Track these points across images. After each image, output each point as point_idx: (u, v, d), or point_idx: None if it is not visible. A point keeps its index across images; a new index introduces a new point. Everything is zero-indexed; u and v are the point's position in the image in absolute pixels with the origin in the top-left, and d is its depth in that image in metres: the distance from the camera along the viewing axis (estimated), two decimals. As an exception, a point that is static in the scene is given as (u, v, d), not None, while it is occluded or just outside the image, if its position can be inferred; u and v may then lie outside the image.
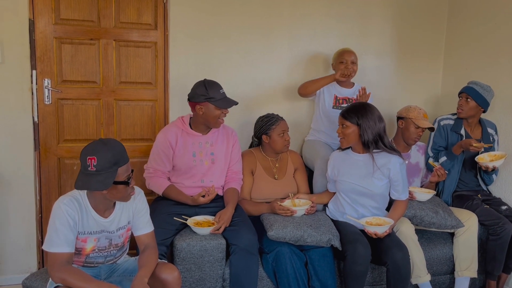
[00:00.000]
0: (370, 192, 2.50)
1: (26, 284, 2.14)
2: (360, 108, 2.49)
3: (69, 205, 1.85)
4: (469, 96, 2.86)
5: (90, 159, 1.79)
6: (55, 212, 1.85)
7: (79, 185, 1.83)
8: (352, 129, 2.47)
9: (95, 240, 1.95)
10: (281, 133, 2.73)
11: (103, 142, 1.85)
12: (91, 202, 1.92)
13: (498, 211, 2.78)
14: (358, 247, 2.34)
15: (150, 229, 2.08)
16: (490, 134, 2.98)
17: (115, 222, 1.98)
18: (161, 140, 2.58)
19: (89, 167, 1.79)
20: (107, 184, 1.81)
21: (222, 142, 2.66)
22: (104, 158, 1.80)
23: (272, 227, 2.38)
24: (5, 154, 2.79)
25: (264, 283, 2.46)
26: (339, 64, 3.01)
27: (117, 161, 1.83)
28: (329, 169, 2.64)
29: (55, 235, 1.83)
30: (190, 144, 2.59)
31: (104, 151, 1.81)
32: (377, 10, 3.37)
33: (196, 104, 2.52)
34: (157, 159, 2.58)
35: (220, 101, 2.51)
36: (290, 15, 3.20)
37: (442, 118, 3.02)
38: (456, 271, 2.68)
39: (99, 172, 1.79)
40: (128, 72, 3.01)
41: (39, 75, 2.84)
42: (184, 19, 3.00)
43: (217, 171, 2.64)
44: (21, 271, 2.85)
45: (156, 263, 1.98)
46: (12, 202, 2.83)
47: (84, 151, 1.83)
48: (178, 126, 2.62)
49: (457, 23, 3.44)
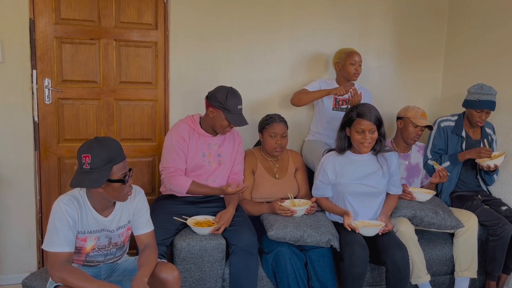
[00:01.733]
0: (377, 190, 2.53)
1: (26, 283, 2.14)
2: (377, 112, 2.49)
3: (68, 204, 1.86)
4: (492, 110, 2.82)
5: (84, 157, 1.80)
6: (55, 211, 1.85)
7: (73, 183, 1.84)
8: (376, 133, 2.48)
9: (95, 239, 1.95)
10: (272, 135, 2.71)
11: (98, 140, 1.86)
12: (90, 201, 1.92)
13: (498, 212, 2.78)
14: (356, 248, 2.34)
15: (150, 228, 2.08)
16: (489, 134, 2.98)
17: (115, 221, 1.98)
18: (175, 137, 2.54)
19: (84, 165, 1.80)
20: (101, 182, 1.81)
21: (229, 144, 2.67)
22: (98, 156, 1.80)
23: (272, 227, 2.38)
24: (5, 153, 2.80)
25: (264, 283, 2.46)
26: (349, 65, 3.01)
27: (112, 159, 1.83)
28: (329, 174, 2.57)
29: (55, 234, 1.83)
30: (200, 144, 2.59)
31: (98, 149, 1.81)
32: (378, 10, 3.37)
33: (210, 106, 2.51)
34: (174, 156, 2.52)
35: (232, 116, 2.48)
36: (291, 15, 3.20)
37: (443, 120, 3.01)
38: (456, 272, 2.68)
39: (93, 170, 1.80)
40: (129, 72, 3.01)
41: (39, 74, 2.84)
42: (185, 19, 3.00)
43: (222, 173, 2.64)
44: (21, 270, 2.85)
45: (156, 262, 1.98)
46: (12, 201, 2.83)
47: (80, 149, 1.85)
48: (189, 125, 2.60)
49: (457, 23, 3.43)
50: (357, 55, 3.03)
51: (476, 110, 2.82)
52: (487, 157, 2.75)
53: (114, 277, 2.07)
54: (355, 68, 3.01)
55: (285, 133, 2.76)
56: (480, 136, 2.96)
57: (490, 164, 2.74)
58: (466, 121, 2.95)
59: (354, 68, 3.00)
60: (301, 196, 2.78)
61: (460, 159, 2.87)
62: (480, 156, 2.76)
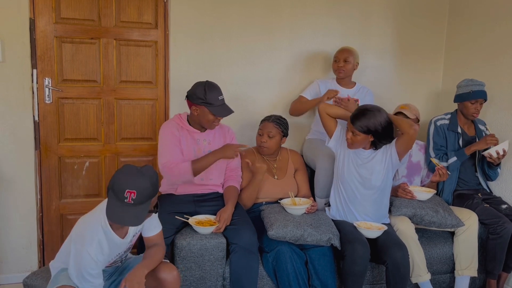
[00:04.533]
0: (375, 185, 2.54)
1: (27, 282, 2.14)
2: (371, 117, 2.43)
3: (97, 254, 1.80)
4: (485, 99, 2.86)
5: (129, 193, 1.71)
6: (83, 260, 1.78)
7: (114, 218, 1.75)
8: (362, 137, 2.47)
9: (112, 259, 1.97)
10: (260, 132, 2.77)
11: (142, 173, 1.76)
12: (111, 225, 1.86)
13: (498, 210, 2.78)
14: (357, 246, 2.34)
15: (159, 229, 2.08)
16: (482, 130, 3.00)
17: (129, 237, 1.97)
18: (166, 133, 2.54)
19: (126, 199, 1.72)
20: (142, 219, 1.76)
21: (219, 140, 2.66)
22: (144, 193, 1.73)
23: (273, 226, 2.39)
24: (6, 153, 2.80)
25: (264, 282, 2.46)
26: (333, 62, 3.04)
27: (153, 194, 1.79)
28: (336, 131, 2.61)
29: (91, 278, 1.80)
30: (190, 140, 2.59)
31: (144, 184, 1.74)
32: (378, 9, 3.37)
33: (192, 105, 2.51)
34: (171, 150, 2.49)
35: (216, 108, 2.47)
36: (291, 15, 3.20)
37: (438, 119, 3.03)
38: (456, 270, 2.68)
39: (136, 205, 1.74)
40: (129, 71, 3.01)
41: (39, 74, 2.84)
42: (185, 18, 3.00)
43: (215, 170, 2.63)
44: (22, 269, 2.86)
45: (161, 259, 1.99)
46: (12, 201, 2.84)
47: (122, 181, 1.74)
48: (177, 122, 2.60)
49: (457, 22, 3.43)
50: (342, 52, 3.01)
51: (471, 101, 2.86)
52: (494, 144, 2.76)
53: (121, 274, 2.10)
54: (337, 65, 3.00)
55: (272, 133, 2.74)
56: (475, 132, 2.98)
57: (498, 149, 2.74)
58: (460, 118, 2.98)
59: (336, 64, 3.01)
60: (301, 197, 2.77)
61: (467, 152, 2.87)
62: (488, 144, 2.77)
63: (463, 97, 2.89)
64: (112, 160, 3.04)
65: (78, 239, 1.81)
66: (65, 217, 3.00)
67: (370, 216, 2.58)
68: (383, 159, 2.55)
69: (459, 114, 2.99)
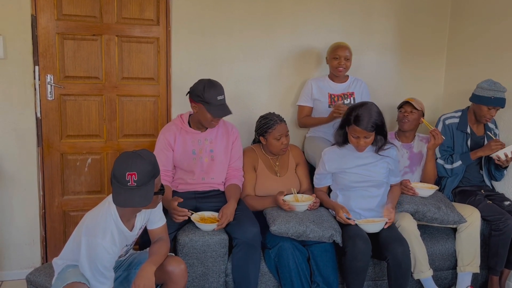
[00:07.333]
0: (378, 180, 2.54)
1: (30, 279, 2.15)
2: (377, 116, 2.44)
3: (111, 246, 1.82)
4: (503, 108, 2.79)
5: (130, 175, 1.75)
6: (97, 253, 1.80)
7: (121, 202, 1.77)
8: (373, 135, 2.47)
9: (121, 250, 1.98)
10: (277, 137, 2.69)
11: (138, 154, 1.80)
12: (121, 216, 1.89)
13: (501, 207, 2.78)
14: (358, 242, 2.34)
15: (163, 222, 2.11)
16: (491, 128, 2.98)
17: (136, 230, 1.99)
18: (161, 141, 2.58)
19: (129, 182, 1.75)
20: (149, 198, 1.78)
21: (222, 139, 2.65)
22: (144, 173, 1.77)
23: (275, 222, 2.39)
24: (8, 150, 2.80)
25: (266, 279, 2.47)
26: (332, 59, 3.00)
27: (154, 173, 1.82)
28: (329, 164, 2.59)
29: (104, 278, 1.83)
30: (189, 142, 2.59)
31: (142, 164, 1.77)
32: (380, 6, 3.36)
33: (192, 102, 2.51)
34: (157, 156, 2.53)
35: (213, 108, 2.46)
36: (293, 11, 3.19)
37: (447, 117, 2.98)
38: (459, 266, 2.68)
39: (139, 186, 1.76)
40: (131, 68, 3.01)
41: (41, 71, 2.84)
42: (186, 14, 3.00)
43: (218, 168, 2.63)
44: (25, 266, 2.87)
45: (167, 254, 2.00)
46: (15, 197, 2.84)
47: (120, 166, 1.78)
48: (177, 125, 2.61)
49: (459, 19, 3.42)
50: (342, 49, 2.98)
51: (488, 107, 2.80)
52: (500, 149, 2.74)
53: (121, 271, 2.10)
54: (338, 63, 2.97)
55: (288, 130, 2.75)
56: (484, 131, 2.96)
57: (507, 152, 2.71)
58: (470, 117, 2.94)
59: (337, 62, 2.97)
60: (303, 191, 2.77)
61: (472, 157, 2.85)
62: (492, 150, 2.75)
63: (482, 100, 2.80)
64: (114, 157, 3.04)
65: (90, 233, 1.82)
66: (68, 213, 3.00)
67: (370, 212, 2.57)
68: (381, 156, 2.55)
69: (470, 113, 2.94)
